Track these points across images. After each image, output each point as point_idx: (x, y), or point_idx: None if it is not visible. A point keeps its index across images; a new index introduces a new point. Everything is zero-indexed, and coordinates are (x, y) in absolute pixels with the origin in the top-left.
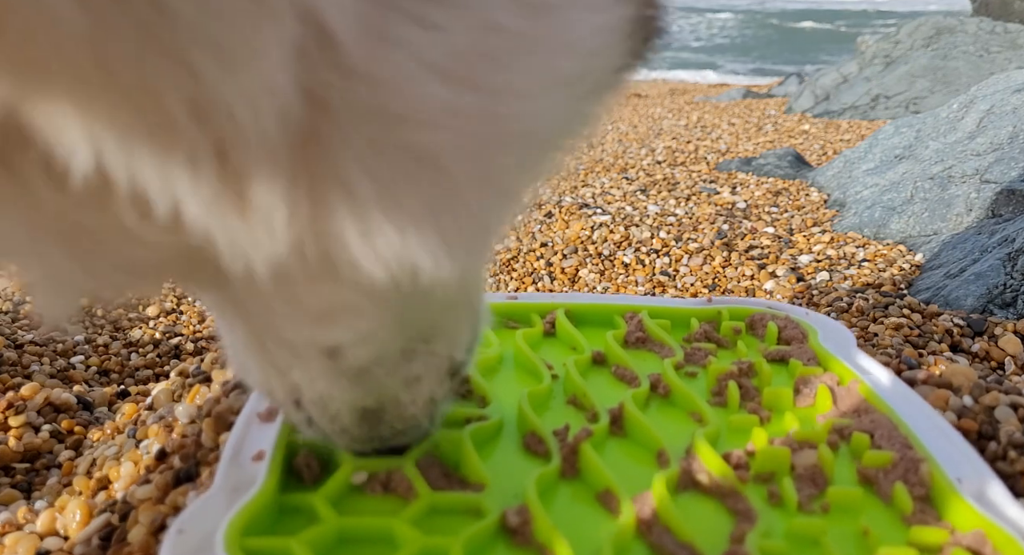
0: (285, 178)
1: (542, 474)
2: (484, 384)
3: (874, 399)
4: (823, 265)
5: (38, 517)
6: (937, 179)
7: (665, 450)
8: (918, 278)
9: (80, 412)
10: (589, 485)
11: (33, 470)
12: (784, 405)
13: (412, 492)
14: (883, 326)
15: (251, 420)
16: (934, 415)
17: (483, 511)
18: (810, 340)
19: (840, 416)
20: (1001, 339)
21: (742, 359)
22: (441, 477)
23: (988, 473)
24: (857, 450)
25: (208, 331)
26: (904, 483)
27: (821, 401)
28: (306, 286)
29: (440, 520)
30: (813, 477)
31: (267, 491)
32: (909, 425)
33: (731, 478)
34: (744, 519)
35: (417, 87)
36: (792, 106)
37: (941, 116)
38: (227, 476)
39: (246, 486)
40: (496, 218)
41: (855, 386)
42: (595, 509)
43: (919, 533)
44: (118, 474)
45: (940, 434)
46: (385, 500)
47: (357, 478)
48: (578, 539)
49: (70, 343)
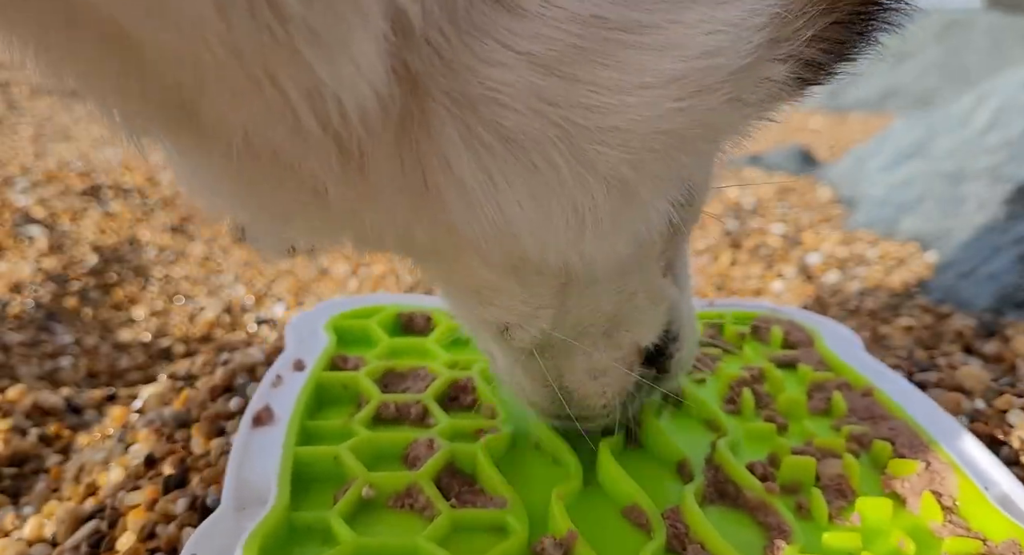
0: (392, 155)
1: (566, 491)
2: (491, 394)
3: (890, 405)
4: (832, 264)
5: (25, 523)
6: (949, 176)
7: (687, 461)
8: (929, 278)
9: (68, 416)
10: (612, 499)
11: (20, 475)
12: (799, 412)
13: (431, 508)
14: (894, 327)
15: (251, 431)
16: (951, 420)
17: (507, 528)
18: (816, 343)
19: (857, 422)
20: (1014, 341)
21: (751, 365)
22: (464, 490)
23: (1012, 480)
24: (879, 458)
25: (199, 333)
26: (932, 492)
27: (836, 407)
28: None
29: (465, 538)
30: (840, 487)
31: (279, 510)
32: (930, 431)
33: (759, 491)
34: (777, 533)
35: (504, 72)
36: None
37: (953, 112)
38: (233, 494)
39: (254, 503)
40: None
41: (869, 391)
42: (623, 525)
43: (953, 544)
44: (107, 480)
45: (961, 440)
46: (402, 516)
47: (367, 493)
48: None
49: (57, 344)
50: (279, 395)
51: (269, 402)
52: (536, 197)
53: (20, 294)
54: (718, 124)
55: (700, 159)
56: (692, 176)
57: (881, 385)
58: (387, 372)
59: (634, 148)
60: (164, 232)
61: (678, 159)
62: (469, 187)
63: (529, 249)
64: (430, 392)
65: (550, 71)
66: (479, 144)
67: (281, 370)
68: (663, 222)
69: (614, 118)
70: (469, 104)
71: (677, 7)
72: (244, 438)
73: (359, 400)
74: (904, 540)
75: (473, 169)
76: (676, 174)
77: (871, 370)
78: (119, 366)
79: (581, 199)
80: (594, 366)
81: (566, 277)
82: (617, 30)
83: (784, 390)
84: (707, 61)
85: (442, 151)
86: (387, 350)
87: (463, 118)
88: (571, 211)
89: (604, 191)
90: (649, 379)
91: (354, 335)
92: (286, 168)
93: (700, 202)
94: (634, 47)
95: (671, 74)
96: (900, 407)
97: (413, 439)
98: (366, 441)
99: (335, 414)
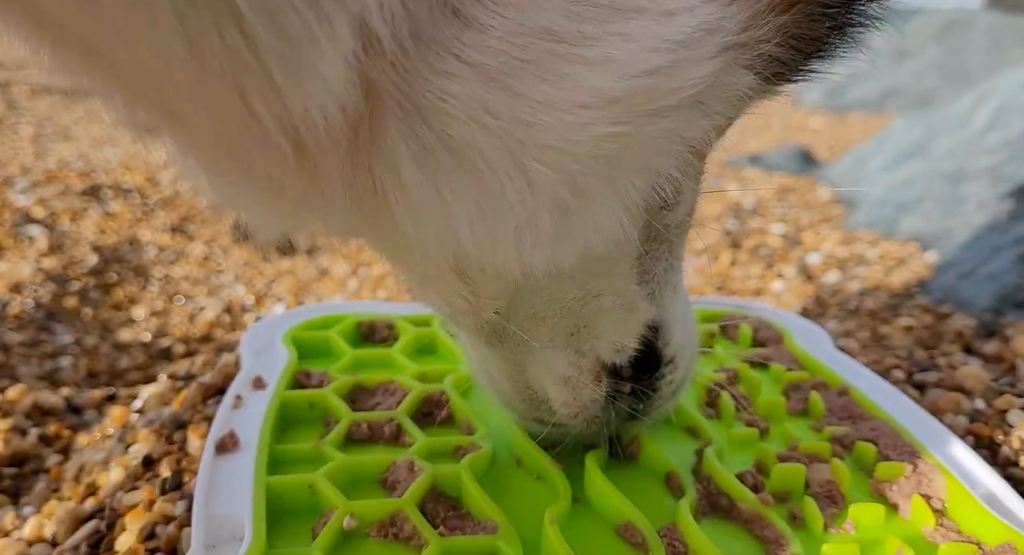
0: (344, 159)
1: (557, 512)
2: (467, 408)
3: (868, 404)
4: (832, 264)
5: (25, 523)
6: (949, 176)
7: (676, 473)
8: (929, 278)
9: (68, 415)
10: (604, 517)
11: (21, 475)
12: (779, 414)
13: (417, 537)
14: (894, 327)
15: (214, 459)
16: (930, 418)
17: (499, 554)
18: (786, 341)
19: (836, 423)
20: (1014, 341)
21: (725, 366)
22: (451, 515)
23: (998, 479)
24: (864, 459)
25: (199, 333)
26: (921, 495)
27: (814, 407)
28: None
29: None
30: (830, 494)
31: (255, 550)
32: (910, 430)
33: (754, 503)
34: (775, 546)
35: (455, 85)
36: (800, 101)
37: (953, 112)
38: (203, 531)
39: (225, 540)
40: (557, 226)
41: (845, 390)
42: (619, 545)
43: (949, 550)
44: (107, 480)
45: (943, 439)
46: (387, 547)
47: (348, 524)
48: None
49: (57, 344)
50: (241, 418)
51: (232, 427)
52: (480, 207)
53: (20, 294)
54: (683, 133)
55: (671, 165)
56: (662, 183)
57: (855, 382)
58: (355, 387)
59: (572, 170)
60: (164, 232)
61: (625, 179)
62: (415, 195)
63: (471, 255)
64: (403, 408)
65: (497, 84)
66: (427, 154)
67: (240, 390)
68: (616, 232)
69: (550, 136)
70: (419, 114)
71: (621, 17)
72: (209, 468)
73: (327, 419)
74: (902, 548)
75: (419, 178)
76: (625, 191)
77: (844, 367)
78: (119, 366)
79: (522, 212)
80: (555, 368)
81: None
82: (563, 42)
83: (761, 392)
84: (648, 80)
85: (391, 159)
86: (351, 363)
87: (412, 127)
88: (512, 224)
89: (546, 207)
90: (627, 397)
91: (314, 347)
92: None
93: (686, 206)
94: (575, 61)
95: (609, 95)
96: (879, 406)
97: (391, 461)
98: (342, 466)
99: (303, 436)
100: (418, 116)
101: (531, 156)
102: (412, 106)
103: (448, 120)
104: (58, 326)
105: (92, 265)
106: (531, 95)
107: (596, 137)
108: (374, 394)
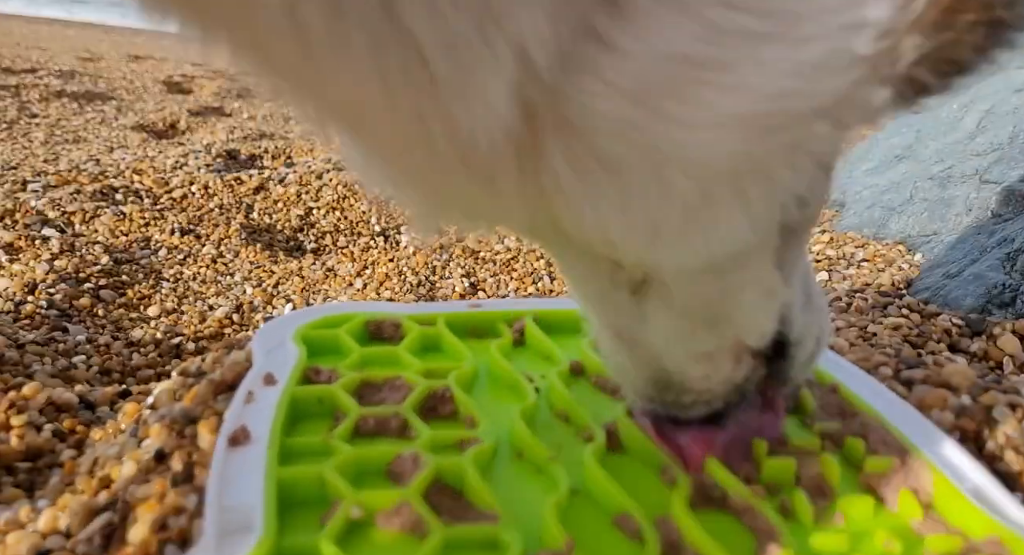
0: (514, 169)
1: (557, 503)
2: (469, 403)
3: (856, 401)
4: (822, 265)
5: (40, 516)
6: (937, 179)
7: (670, 465)
8: (917, 278)
9: (82, 411)
10: (603, 508)
11: (35, 469)
12: None
13: (422, 527)
14: (882, 326)
15: (227, 452)
16: (917, 414)
17: (500, 544)
18: None
19: (826, 420)
20: (1000, 339)
21: None
22: (453, 505)
23: (985, 474)
24: (853, 456)
25: (209, 331)
26: (909, 489)
27: (805, 404)
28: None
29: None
30: (819, 487)
31: (268, 539)
32: (899, 427)
33: (746, 495)
34: (767, 537)
35: (602, 103)
36: None
37: (941, 116)
38: (216, 520)
39: (237, 530)
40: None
41: (835, 388)
42: (616, 536)
43: (935, 542)
44: (119, 474)
45: (930, 435)
46: (393, 536)
47: (355, 512)
48: None
49: (71, 343)
50: (253, 413)
51: (244, 421)
52: (624, 210)
53: (34, 294)
54: (812, 147)
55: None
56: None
57: (844, 379)
58: (362, 384)
59: (706, 179)
60: (175, 234)
61: (754, 189)
62: (573, 198)
63: (617, 247)
64: (408, 403)
65: (639, 104)
66: (580, 165)
67: (252, 386)
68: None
69: (688, 152)
70: (571, 129)
71: (756, 42)
72: (221, 461)
73: (335, 414)
74: (890, 540)
75: (575, 184)
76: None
77: (833, 365)
78: (132, 363)
79: (658, 216)
80: (699, 351)
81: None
82: (699, 67)
83: None
84: (781, 103)
85: (552, 167)
86: (359, 360)
87: (567, 142)
88: (650, 224)
89: (678, 210)
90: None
91: (324, 345)
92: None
93: (815, 206)
94: (712, 86)
95: (743, 117)
96: (866, 403)
97: (397, 454)
98: (350, 458)
99: (312, 430)
100: (570, 130)
101: (670, 167)
102: (564, 122)
103: (596, 134)
104: (72, 325)
105: (105, 266)
106: (671, 115)
107: (729, 153)
108: (381, 390)
